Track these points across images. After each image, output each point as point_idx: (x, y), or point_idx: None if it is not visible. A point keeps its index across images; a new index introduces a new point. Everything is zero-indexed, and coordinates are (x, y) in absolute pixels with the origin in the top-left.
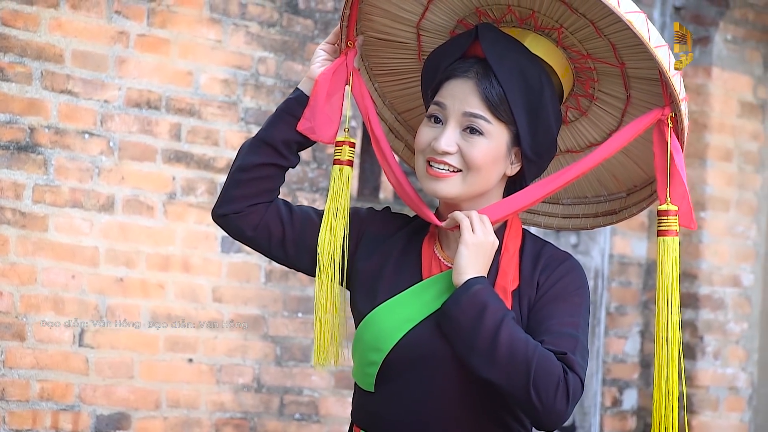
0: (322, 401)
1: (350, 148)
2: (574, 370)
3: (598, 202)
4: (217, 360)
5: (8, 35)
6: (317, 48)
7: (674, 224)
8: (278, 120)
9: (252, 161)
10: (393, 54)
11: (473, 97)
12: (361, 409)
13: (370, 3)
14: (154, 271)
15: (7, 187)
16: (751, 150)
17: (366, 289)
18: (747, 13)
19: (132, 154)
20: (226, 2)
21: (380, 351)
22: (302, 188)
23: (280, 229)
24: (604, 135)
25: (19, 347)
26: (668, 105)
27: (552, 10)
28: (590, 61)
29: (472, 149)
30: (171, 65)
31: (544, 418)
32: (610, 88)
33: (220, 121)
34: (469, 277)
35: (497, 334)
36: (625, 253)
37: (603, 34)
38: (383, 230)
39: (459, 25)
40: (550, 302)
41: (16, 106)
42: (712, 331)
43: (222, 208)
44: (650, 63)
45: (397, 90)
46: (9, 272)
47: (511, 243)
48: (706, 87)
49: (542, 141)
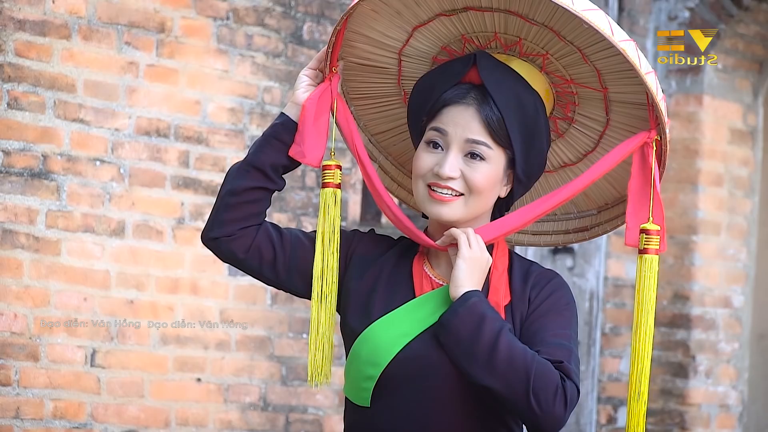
0: (326, 419)
1: (338, 171)
2: (570, 378)
3: (568, 219)
4: (224, 379)
5: (22, 65)
6: (300, 74)
7: (656, 243)
8: (266, 144)
9: (242, 185)
10: (371, 78)
11: (475, 123)
12: (355, 425)
13: (355, 30)
14: (163, 293)
15: (21, 212)
16: (741, 175)
17: (359, 308)
18: (737, 43)
19: (142, 181)
20: (232, 33)
21: (377, 365)
22: (306, 213)
23: (271, 251)
24: (579, 155)
25: (33, 367)
26: (654, 128)
27: (539, 37)
28: (573, 86)
29: (474, 174)
30: (179, 94)
31: (543, 424)
32: (591, 111)
33: (227, 149)
34: (467, 290)
35: (496, 343)
36: (619, 275)
37: (589, 60)
38: (372, 251)
39: (442, 51)
40: (542, 316)
41: (30, 134)
42: (704, 351)
43: (213, 231)
44: (634, 88)
45: (372, 113)
46: (23, 295)
47: (500, 262)
48: (698, 114)
49: (534, 164)
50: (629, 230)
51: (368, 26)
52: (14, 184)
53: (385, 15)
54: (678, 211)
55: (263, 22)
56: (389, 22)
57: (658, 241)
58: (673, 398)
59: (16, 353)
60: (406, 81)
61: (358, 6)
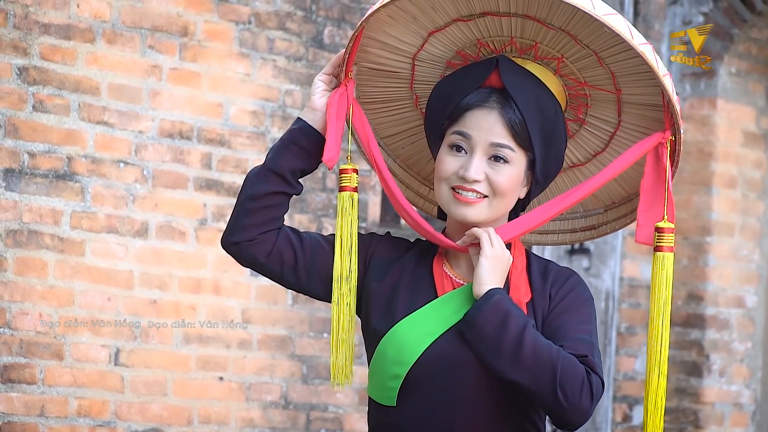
0: (346, 417)
1: (355, 175)
2: (595, 371)
3: (574, 218)
4: (246, 378)
5: (47, 69)
6: (315, 79)
7: (670, 240)
8: (284, 149)
9: (262, 190)
10: (383, 82)
11: (499, 126)
12: (380, 425)
13: (371, 36)
14: (186, 293)
15: (46, 213)
16: (754, 177)
17: (381, 310)
18: (750, 47)
19: (165, 182)
20: (254, 37)
21: (404, 364)
22: (327, 215)
23: (292, 255)
24: (588, 156)
25: (58, 366)
26: (669, 129)
27: (555, 41)
28: (586, 89)
29: (499, 176)
30: (202, 97)
31: (570, 417)
32: (602, 113)
33: (249, 151)
34: (490, 287)
35: (522, 338)
36: (634, 276)
37: (604, 63)
38: (390, 253)
39: (457, 55)
40: (563, 313)
41: (55, 137)
42: (717, 350)
43: (234, 236)
44: (649, 90)
45: (383, 117)
46: (48, 295)
47: (518, 261)
48: (712, 118)
49: (552, 166)
50: (640, 227)
51: (383, 32)
52: (39, 186)
53: (401, 21)
54: (692, 212)
55: (284, 26)
56: (405, 28)
57: (672, 238)
58: (687, 397)
59: (41, 352)
60: (419, 85)
61: (377, 12)
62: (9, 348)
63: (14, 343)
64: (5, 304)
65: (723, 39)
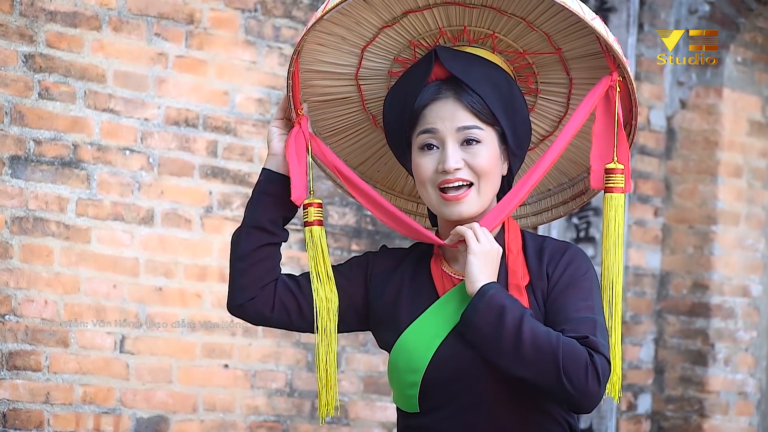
0: (351, 405)
1: (317, 209)
2: (598, 351)
3: (563, 190)
4: (251, 366)
5: (53, 56)
6: (269, 127)
7: (621, 182)
8: (257, 203)
9: (247, 248)
10: (337, 111)
11: (460, 111)
12: (409, 430)
13: (308, 69)
14: (191, 281)
15: (51, 200)
16: (759, 167)
17: (388, 322)
18: (756, 36)
19: (171, 170)
20: (260, 25)
21: (417, 371)
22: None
23: (294, 302)
24: (554, 123)
25: (63, 353)
26: (614, 70)
27: (482, 19)
28: (528, 57)
29: (477, 159)
30: (208, 85)
31: (580, 402)
32: (551, 76)
33: (255, 139)
34: (482, 284)
35: (520, 332)
36: (639, 264)
37: (535, 26)
38: (388, 265)
39: (395, 63)
40: (562, 291)
41: (61, 124)
42: (722, 339)
43: (236, 299)
44: (585, 39)
45: (348, 146)
46: (53, 282)
47: (513, 244)
48: (718, 107)
49: (522, 133)
50: (594, 173)
51: (319, 60)
52: (45, 173)
53: (331, 44)
54: (698, 201)
55: (291, 14)
56: (337, 50)
57: (623, 179)
58: (693, 386)
59: (46, 339)
60: (370, 103)
61: (304, 43)
62: (14, 335)
63: (19, 330)
64: (11, 291)
65: (729, 28)
